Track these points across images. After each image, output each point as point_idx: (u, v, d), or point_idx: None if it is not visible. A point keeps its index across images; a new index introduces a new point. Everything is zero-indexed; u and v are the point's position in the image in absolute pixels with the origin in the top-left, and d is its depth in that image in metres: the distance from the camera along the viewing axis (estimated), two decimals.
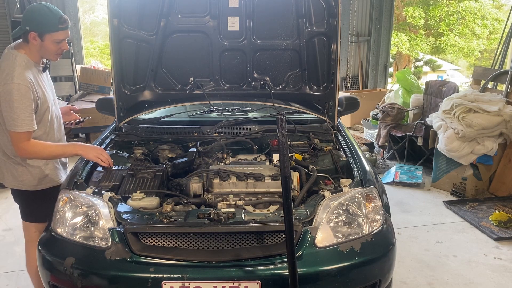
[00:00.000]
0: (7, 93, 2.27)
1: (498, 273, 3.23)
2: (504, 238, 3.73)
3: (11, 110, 2.28)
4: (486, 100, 4.63)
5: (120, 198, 2.26)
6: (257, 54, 3.09)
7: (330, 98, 3.08)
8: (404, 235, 3.83)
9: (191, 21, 2.99)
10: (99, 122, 5.89)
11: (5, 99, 2.28)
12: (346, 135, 3.04)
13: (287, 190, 1.72)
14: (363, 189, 2.27)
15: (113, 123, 3.26)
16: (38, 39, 2.35)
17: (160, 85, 3.12)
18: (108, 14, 2.83)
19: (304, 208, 2.15)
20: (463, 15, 16.44)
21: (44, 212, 2.42)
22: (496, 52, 6.04)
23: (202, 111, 3.41)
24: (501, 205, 4.36)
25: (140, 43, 2.98)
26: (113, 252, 1.95)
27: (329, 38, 2.98)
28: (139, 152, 2.87)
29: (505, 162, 4.68)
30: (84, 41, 8.86)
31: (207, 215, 2.03)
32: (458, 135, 4.48)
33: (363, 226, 2.12)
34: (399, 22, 16.75)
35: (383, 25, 9.65)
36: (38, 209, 2.56)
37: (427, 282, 3.10)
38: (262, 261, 1.92)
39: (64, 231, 2.10)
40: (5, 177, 2.54)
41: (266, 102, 3.14)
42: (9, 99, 2.27)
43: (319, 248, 1.98)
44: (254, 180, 2.38)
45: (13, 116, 2.28)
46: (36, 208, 2.57)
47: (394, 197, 4.61)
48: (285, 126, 1.71)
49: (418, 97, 6.11)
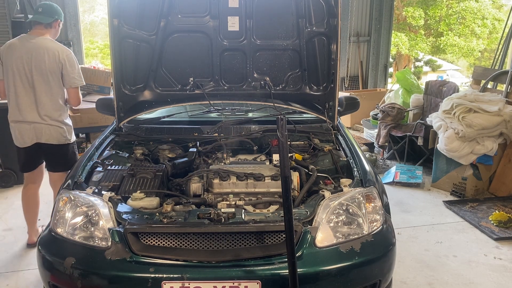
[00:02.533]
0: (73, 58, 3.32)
1: (498, 273, 3.23)
2: (504, 238, 3.73)
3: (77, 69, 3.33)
4: (486, 100, 4.63)
5: (120, 198, 2.26)
6: (257, 54, 3.09)
7: (330, 98, 3.08)
8: (404, 235, 3.83)
9: (191, 21, 2.99)
10: (99, 122, 5.88)
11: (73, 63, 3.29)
12: (346, 135, 3.04)
13: (287, 190, 1.72)
14: (363, 189, 2.27)
15: (113, 123, 3.27)
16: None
17: (160, 85, 3.12)
18: (108, 14, 2.84)
19: (304, 208, 2.15)
20: (463, 15, 16.45)
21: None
22: (496, 52, 6.04)
23: (202, 111, 3.41)
24: (501, 205, 4.36)
25: (140, 43, 2.99)
26: (113, 252, 1.95)
27: (329, 38, 2.98)
28: (139, 152, 2.87)
29: (505, 162, 4.68)
30: (84, 41, 8.86)
31: (207, 215, 2.03)
32: (458, 135, 4.48)
33: (363, 226, 2.12)
34: (399, 22, 16.76)
35: (383, 25, 9.65)
36: (75, 157, 3.49)
37: (427, 282, 3.10)
38: (262, 261, 1.92)
39: (64, 231, 2.10)
40: (54, 136, 3.33)
41: (266, 102, 3.13)
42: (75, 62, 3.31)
43: (319, 248, 1.98)
44: (254, 180, 2.38)
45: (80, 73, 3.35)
46: (74, 157, 3.49)
47: (394, 197, 4.61)
48: (285, 126, 1.72)
49: (418, 97, 6.11)
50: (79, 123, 5.82)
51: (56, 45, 3.26)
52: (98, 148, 2.85)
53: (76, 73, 3.29)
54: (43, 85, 3.23)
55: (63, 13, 2.95)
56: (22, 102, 3.24)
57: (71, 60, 3.27)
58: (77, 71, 3.31)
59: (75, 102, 3.38)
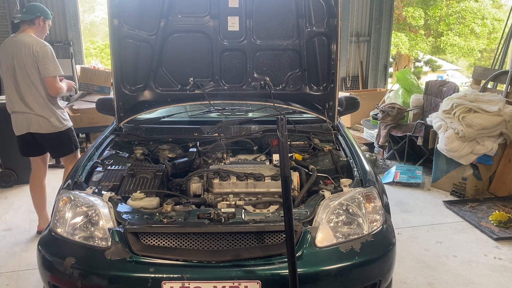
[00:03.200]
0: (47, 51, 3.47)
1: (498, 273, 3.23)
2: (504, 238, 3.73)
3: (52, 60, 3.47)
4: (486, 100, 4.63)
5: (120, 198, 2.26)
6: (257, 54, 3.09)
7: (330, 98, 3.08)
8: (404, 235, 3.83)
9: (191, 21, 2.99)
10: (99, 122, 5.89)
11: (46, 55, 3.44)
12: (346, 135, 3.04)
13: (287, 190, 1.72)
14: (363, 189, 2.27)
15: (113, 123, 3.27)
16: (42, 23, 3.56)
17: (160, 85, 3.12)
18: (108, 14, 2.84)
19: (304, 208, 2.15)
20: (463, 14, 16.45)
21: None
22: (496, 52, 6.04)
23: (202, 111, 3.41)
24: (501, 205, 4.36)
25: (140, 43, 2.99)
26: (113, 252, 1.95)
27: (329, 38, 2.98)
28: (139, 152, 2.87)
29: (505, 162, 4.68)
30: (84, 41, 8.86)
31: (207, 215, 2.03)
32: (458, 135, 4.48)
33: (363, 226, 2.12)
34: (399, 22, 16.76)
35: (383, 25, 9.65)
36: (71, 141, 3.74)
37: (427, 282, 3.10)
38: (262, 261, 1.92)
39: (64, 231, 2.10)
40: (42, 126, 3.53)
41: (266, 102, 3.13)
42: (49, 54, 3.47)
43: (319, 248, 1.98)
44: (254, 180, 2.38)
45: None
46: (70, 142, 3.73)
47: (394, 197, 4.61)
48: (285, 126, 1.72)
49: (418, 97, 6.11)
50: (79, 123, 5.82)
51: (32, 40, 3.46)
52: (98, 148, 2.85)
53: (49, 63, 3.44)
54: (25, 78, 3.48)
55: (64, 13, 3.25)
56: (11, 95, 3.54)
57: (44, 52, 3.43)
58: (51, 61, 3.45)
59: (52, 92, 3.53)
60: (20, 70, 3.46)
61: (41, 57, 3.42)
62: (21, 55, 3.43)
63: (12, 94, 3.53)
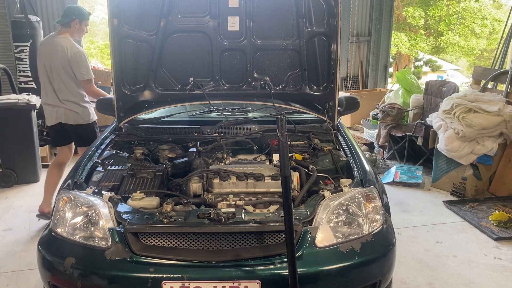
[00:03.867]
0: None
1: (498, 273, 3.23)
2: (504, 238, 3.73)
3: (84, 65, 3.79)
4: (486, 100, 4.63)
5: (120, 198, 2.26)
6: (257, 54, 3.08)
7: (330, 98, 3.08)
8: (404, 235, 3.83)
9: (191, 21, 2.98)
10: (99, 122, 5.86)
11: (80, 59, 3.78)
12: (346, 135, 3.04)
13: (287, 190, 1.72)
14: (363, 189, 2.27)
15: (113, 123, 3.27)
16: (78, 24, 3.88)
17: (160, 85, 3.12)
18: (108, 14, 2.84)
19: (304, 208, 2.15)
20: (463, 15, 16.46)
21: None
22: (496, 52, 6.04)
23: (202, 111, 3.41)
24: (501, 205, 4.36)
25: (140, 43, 2.98)
26: (113, 252, 1.95)
27: (329, 38, 2.98)
28: (139, 152, 2.87)
29: (505, 162, 4.68)
30: (84, 41, 8.86)
31: (207, 215, 2.03)
32: (458, 135, 4.48)
33: (363, 226, 2.12)
34: (399, 22, 16.77)
35: (383, 25, 9.65)
36: (95, 135, 4.02)
37: (427, 282, 3.10)
38: (262, 261, 1.92)
39: (64, 231, 2.10)
40: (70, 117, 3.87)
41: (266, 102, 3.13)
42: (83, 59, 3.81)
43: (319, 248, 1.98)
44: (254, 180, 2.38)
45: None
46: (94, 134, 4.03)
47: (394, 197, 4.61)
48: (285, 126, 1.72)
49: (418, 97, 6.11)
50: None
51: (67, 43, 3.78)
52: (98, 148, 2.86)
53: (83, 68, 3.78)
54: (58, 77, 3.81)
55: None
56: (48, 89, 3.89)
57: (78, 57, 3.75)
58: (84, 66, 3.78)
59: (88, 94, 3.96)
60: (54, 69, 3.79)
61: (75, 62, 3.75)
62: (56, 57, 3.75)
63: (48, 88, 3.87)
